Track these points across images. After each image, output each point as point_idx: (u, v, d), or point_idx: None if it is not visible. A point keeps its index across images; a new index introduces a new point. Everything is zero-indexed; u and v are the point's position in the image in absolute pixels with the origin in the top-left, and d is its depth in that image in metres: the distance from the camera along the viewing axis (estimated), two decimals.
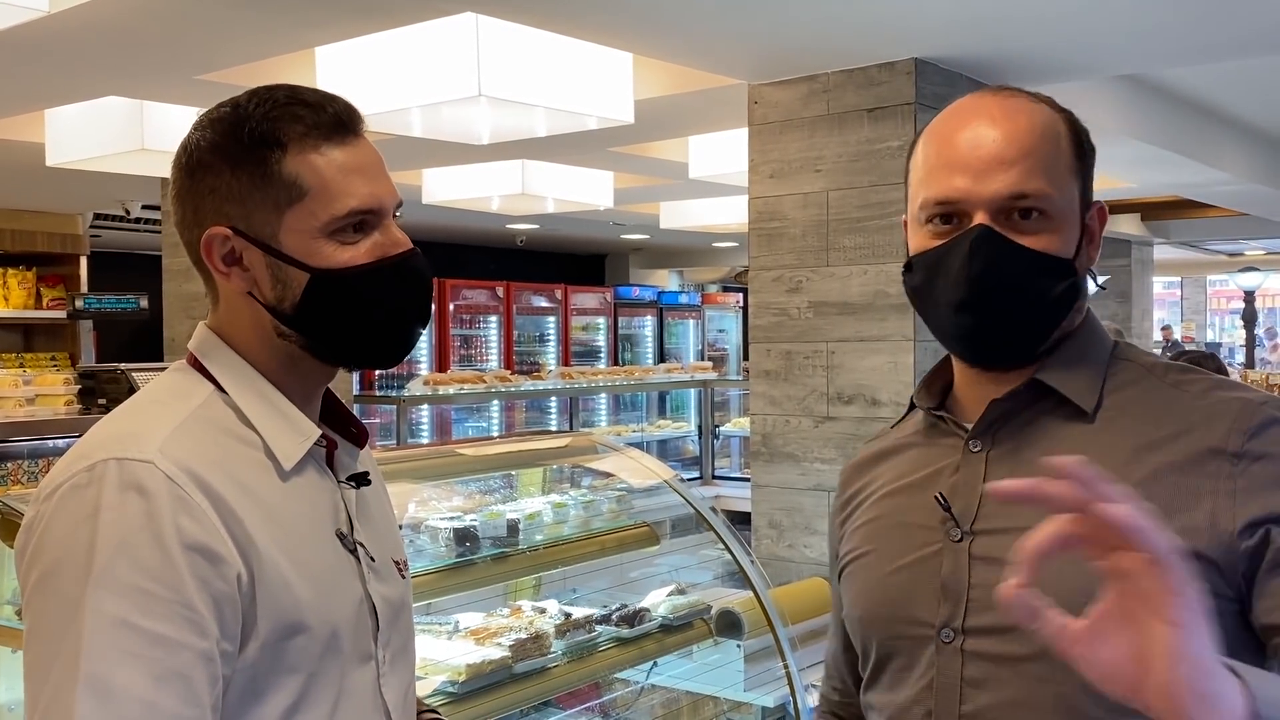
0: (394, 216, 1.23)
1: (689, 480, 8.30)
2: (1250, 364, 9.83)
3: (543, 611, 3.25)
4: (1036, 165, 1.15)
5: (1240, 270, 10.96)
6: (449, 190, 6.63)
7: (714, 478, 8.18)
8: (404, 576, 1.33)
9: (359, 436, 1.31)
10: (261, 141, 1.16)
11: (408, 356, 1.31)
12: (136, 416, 1.18)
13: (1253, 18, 3.69)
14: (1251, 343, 10.69)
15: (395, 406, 6.29)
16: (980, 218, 1.15)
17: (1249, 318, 10.64)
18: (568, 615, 3.20)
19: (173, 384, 1.22)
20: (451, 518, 3.18)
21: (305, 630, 1.14)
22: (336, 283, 1.18)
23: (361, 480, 1.27)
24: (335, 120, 1.19)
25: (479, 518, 3.14)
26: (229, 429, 1.18)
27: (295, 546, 1.15)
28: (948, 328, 1.20)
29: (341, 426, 1.30)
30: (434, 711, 1.49)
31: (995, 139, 1.15)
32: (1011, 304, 1.16)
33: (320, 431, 1.23)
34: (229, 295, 1.22)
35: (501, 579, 3.23)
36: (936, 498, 1.18)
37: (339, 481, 1.25)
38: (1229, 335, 20.41)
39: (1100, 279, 1.25)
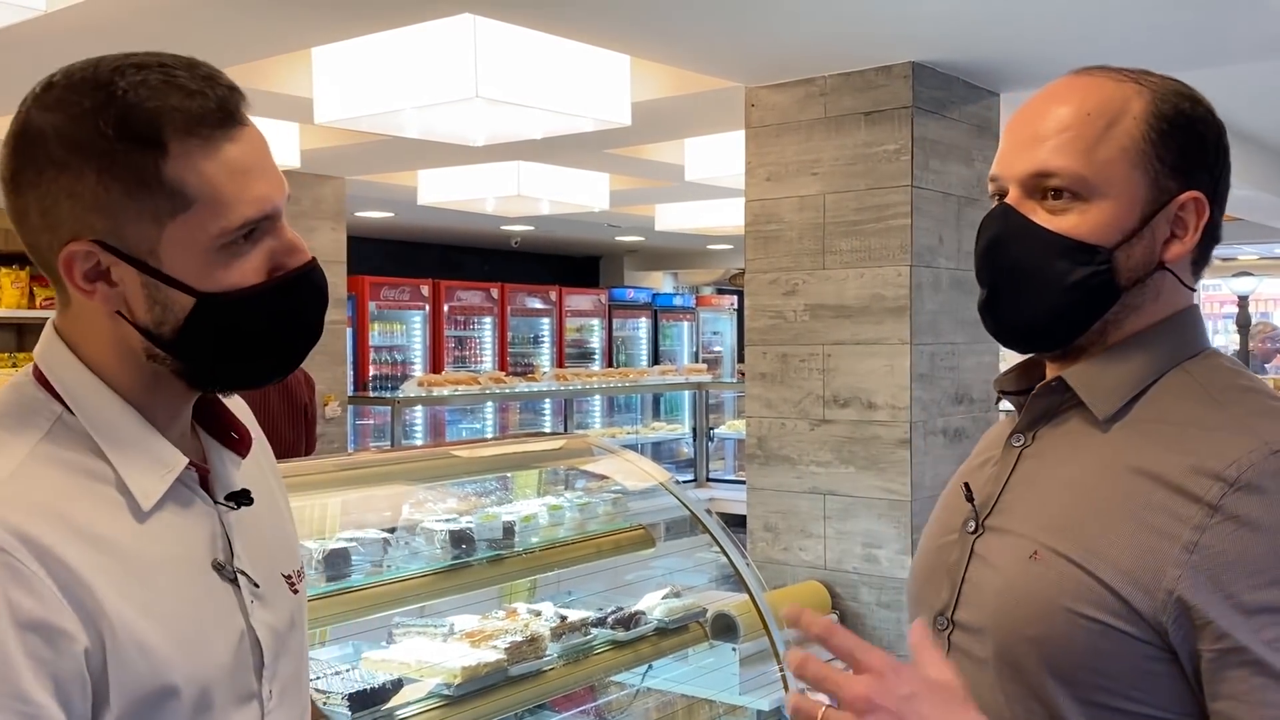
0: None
1: (683, 483, 8.30)
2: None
3: (538, 614, 3.24)
4: (1071, 143, 1.09)
5: (1234, 275, 11.00)
6: (444, 192, 6.62)
7: (708, 480, 8.18)
8: (296, 591, 1.19)
9: (240, 444, 1.15)
10: (136, 140, 0.96)
11: (402, 358, 1.23)
12: None
13: (1249, 25, 3.70)
14: (1245, 347, 10.72)
15: (389, 408, 6.27)
16: (1012, 195, 1.12)
17: (1243, 322, 10.67)
18: (563, 618, 3.19)
19: (15, 406, 1.04)
20: (447, 520, 3.16)
21: (171, 694, 0.99)
22: (226, 307, 1.02)
23: (241, 499, 1.11)
24: (221, 109, 1.00)
25: (474, 520, 3.13)
26: (76, 463, 1.01)
27: (156, 599, 1.00)
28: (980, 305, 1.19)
29: (221, 432, 1.15)
30: None
31: (1040, 115, 1.12)
32: (1019, 283, 1.12)
33: (186, 461, 1.06)
34: (89, 310, 1.04)
35: (497, 581, 3.22)
36: (963, 488, 1.19)
37: (216, 503, 1.10)
38: (1223, 339, 20.47)
39: (1195, 280, 1.16)
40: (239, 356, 1.06)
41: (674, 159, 6.07)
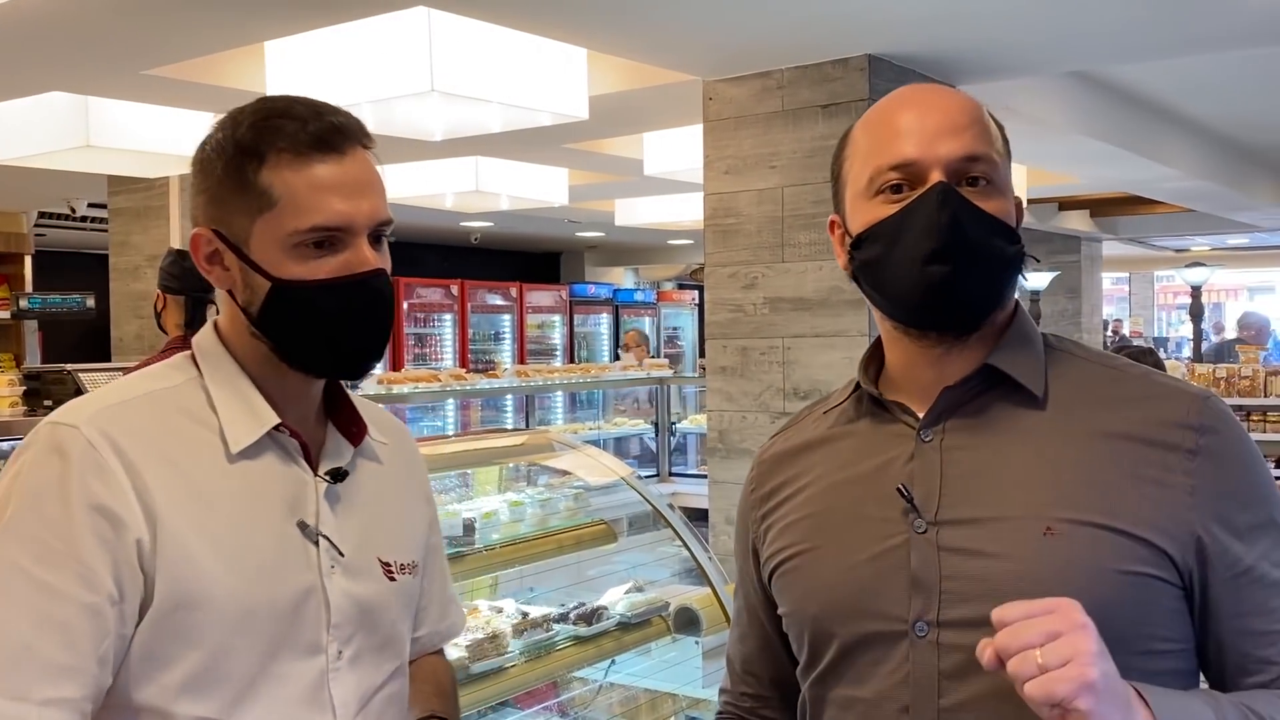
0: (384, 237, 1.26)
1: (645, 478, 8.30)
2: (1197, 358, 9.99)
3: (500, 611, 3.23)
4: (981, 135, 1.18)
5: (1187, 265, 11.15)
6: (401, 188, 6.57)
7: (670, 475, 8.18)
8: (393, 578, 1.32)
9: (356, 435, 1.33)
10: (244, 150, 1.20)
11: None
12: (107, 390, 1.25)
13: (1201, 17, 3.74)
14: (1199, 337, 10.87)
15: None
16: (935, 178, 1.15)
17: (1195, 312, 10.82)
18: (525, 614, 3.18)
19: (165, 366, 1.30)
20: None
21: (208, 605, 1.16)
22: (291, 294, 1.21)
23: (338, 475, 1.28)
24: (318, 136, 1.21)
25: None
26: (189, 410, 1.24)
27: (219, 525, 1.19)
28: (914, 286, 1.15)
29: (344, 425, 1.33)
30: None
31: (941, 109, 1.18)
32: (978, 256, 1.15)
33: (277, 420, 1.25)
34: (222, 292, 1.29)
35: (458, 579, 3.19)
36: (900, 489, 1.16)
37: (316, 475, 1.27)
38: (1174, 330, 20.76)
39: (1032, 268, 1.28)
40: (307, 342, 1.23)
41: (633, 153, 6.06)
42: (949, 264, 1.13)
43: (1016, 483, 1.13)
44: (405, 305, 10.27)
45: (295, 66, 3.88)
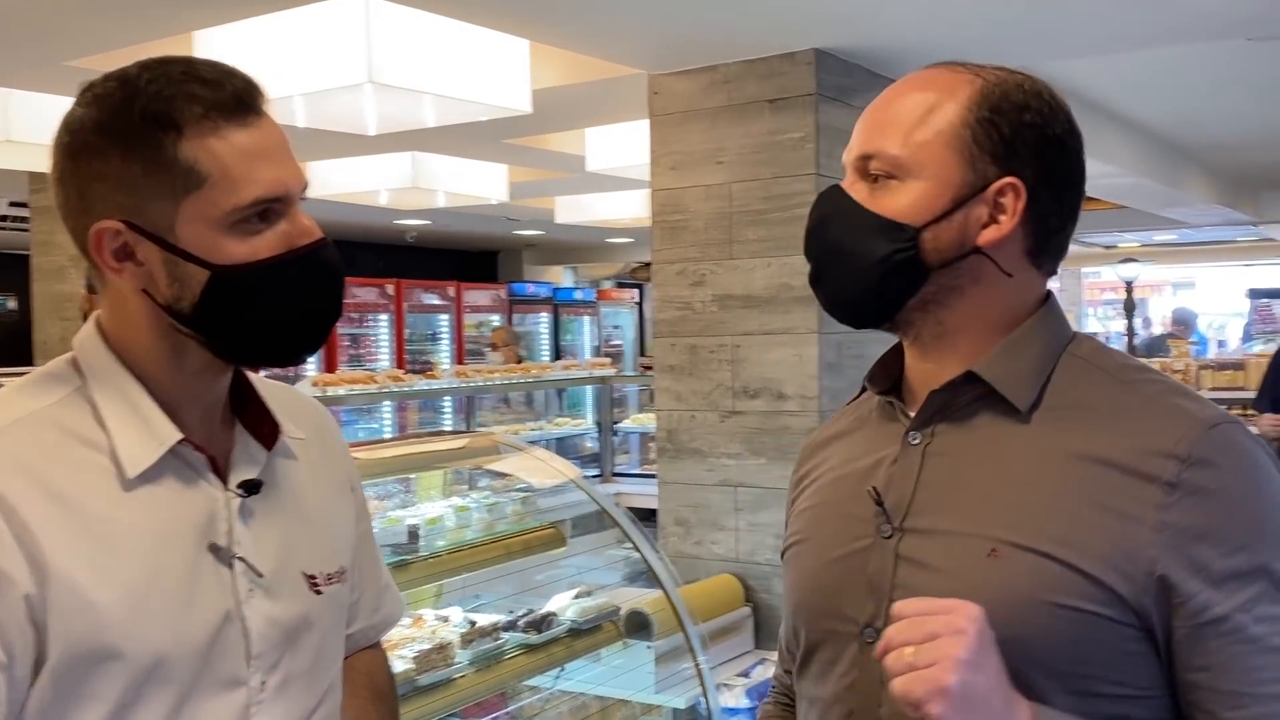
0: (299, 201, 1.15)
1: (589, 478, 8.21)
2: (1131, 352, 10.16)
3: (446, 620, 3.13)
4: (892, 128, 1.12)
5: (1121, 261, 11.33)
6: (335, 184, 6.42)
7: (614, 475, 8.11)
8: (319, 591, 1.21)
9: (269, 436, 1.20)
10: (155, 122, 1.06)
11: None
12: None
13: (1139, 13, 3.76)
14: (1132, 332, 11.04)
15: None
16: (847, 177, 1.17)
17: (1129, 308, 11.00)
18: (472, 623, 3.09)
19: (42, 375, 1.15)
20: None
21: (115, 657, 1.04)
22: (239, 280, 1.08)
23: (252, 487, 1.15)
24: (236, 98, 1.09)
25: (376, 524, 3.00)
26: (75, 431, 1.10)
27: (119, 564, 1.06)
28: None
29: (255, 426, 1.20)
30: None
31: (880, 104, 1.16)
32: (837, 259, 1.15)
33: (179, 436, 1.11)
34: (119, 290, 1.12)
35: (403, 589, 3.08)
36: (872, 491, 1.14)
37: (228, 489, 1.15)
38: (1103, 325, 21.16)
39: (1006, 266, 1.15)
40: (257, 329, 1.11)
41: (575, 149, 5.96)
42: (811, 262, 1.18)
43: (978, 498, 1.09)
44: None
45: (225, 57, 3.71)
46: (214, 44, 3.81)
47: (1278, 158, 8.86)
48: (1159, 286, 20.60)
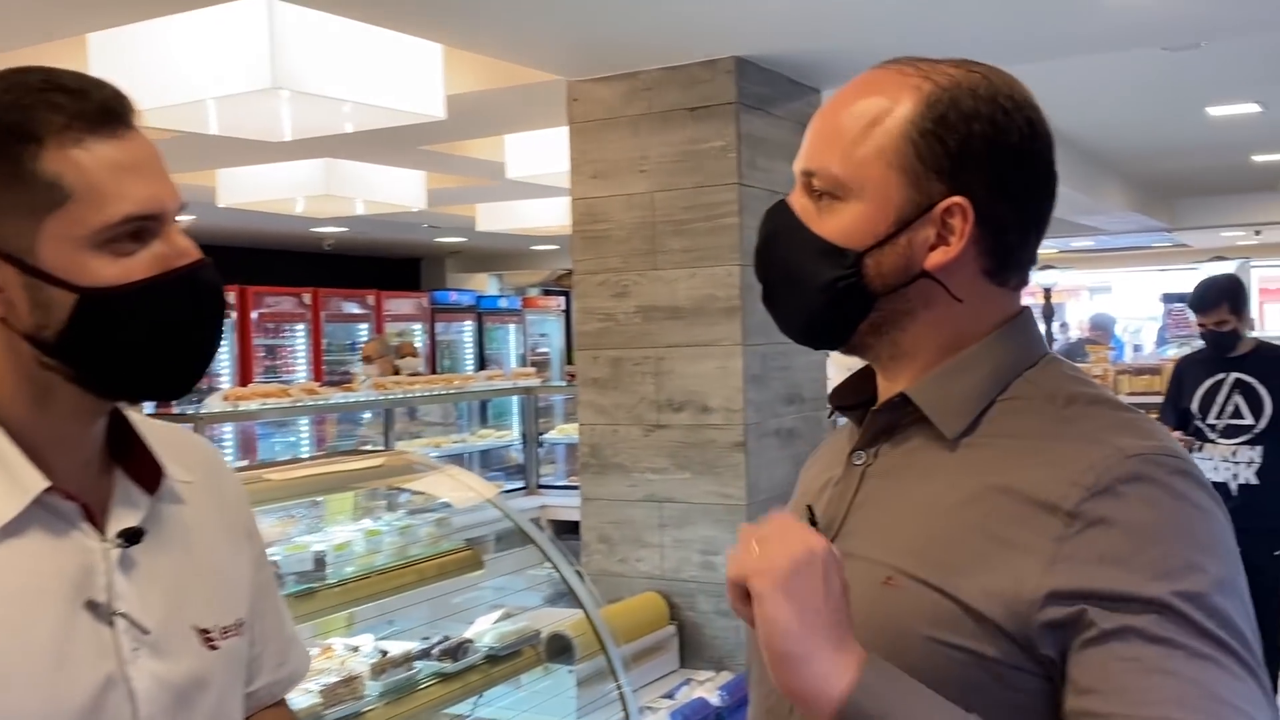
0: (175, 221, 1.06)
1: (514, 491, 8.07)
2: None
3: (356, 650, 2.99)
4: (833, 142, 1.05)
5: (1039, 268, 11.50)
6: (247, 192, 6.21)
7: (539, 487, 7.98)
8: (214, 647, 1.12)
9: (152, 480, 1.11)
10: (12, 135, 0.97)
11: (207, 369, 1.10)
12: None
13: (1058, 21, 3.75)
14: (1049, 337, 11.20)
15: (190, 426, 5.82)
16: (794, 192, 1.10)
17: (1047, 314, 11.16)
18: (384, 653, 2.95)
19: None
20: None
21: None
22: (109, 304, 0.99)
23: (133, 536, 1.06)
24: (102, 109, 1.00)
25: (280, 551, 2.86)
26: None
27: None
28: None
29: (135, 470, 1.11)
30: None
31: (826, 112, 1.08)
32: (785, 281, 1.10)
33: (45, 484, 1.01)
34: None
35: (308, 619, 2.94)
36: (806, 510, 1.07)
37: (105, 539, 1.05)
38: None
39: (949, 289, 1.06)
40: (129, 358, 1.02)
41: (494, 156, 5.84)
42: (761, 283, 1.13)
43: (892, 524, 1.04)
44: (254, 315, 9.80)
45: (121, 61, 3.53)
46: (108, 48, 3.62)
47: (1192, 166, 9.04)
48: (1076, 291, 21.00)
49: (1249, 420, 4.39)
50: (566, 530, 6.17)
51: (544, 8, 3.35)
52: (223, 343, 1.10)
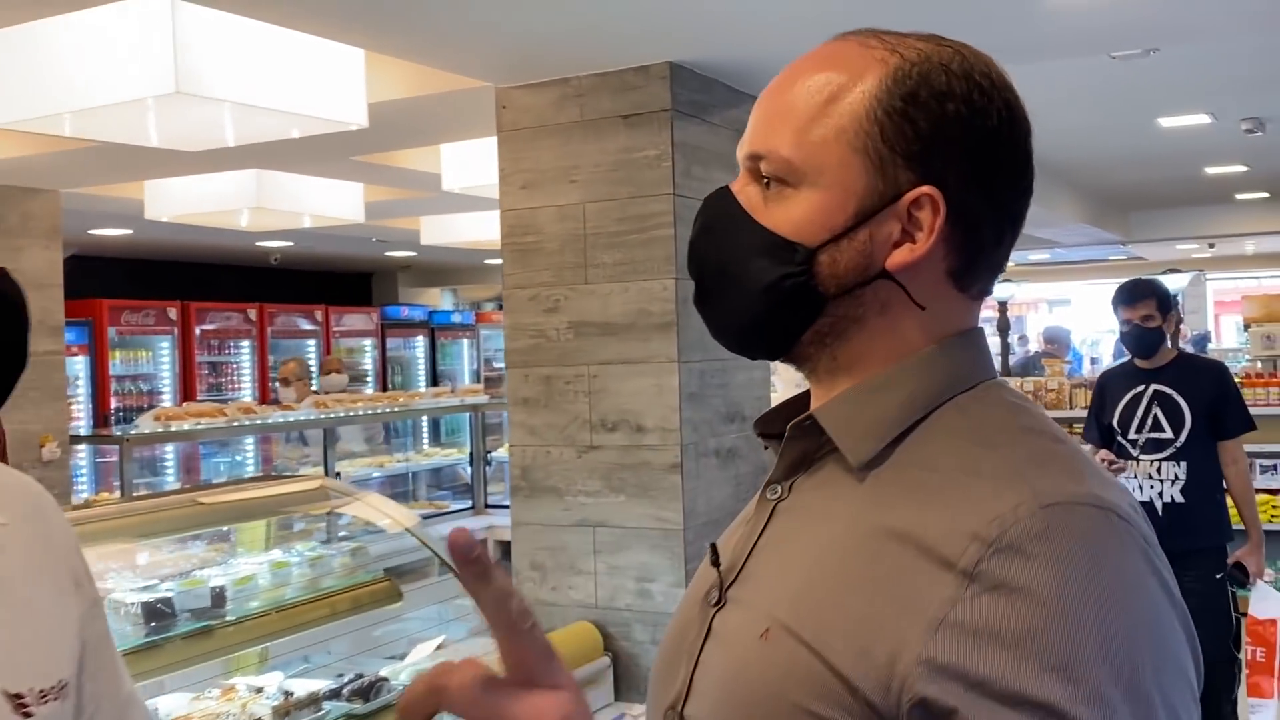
0: None
1: (461, 510, 7.87)
2: (1005, 372, 10.22)
3: (260, 690, 2.80)
4: (782, 125, 0.91)
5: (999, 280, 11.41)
6: (175, 204, 6.00)
7: (487, 507, 7.78)
8: (29, 714, 1.00)
9: None
10: None
11: (149, 387, 0.93)
12: None
13: (1005, 26, 3.64)
14: (1006, 351, 11.14)
15: (118, 447, 5.60)
16: (739, 178, 0.96)
17: (1003, 327, 11.09)
18: (288, 694, 2.77)
19: None
20: (145, 588, 2.70)
21: None
22: None
23: None
24: None
25: (174, 587, 2.67)
26: None
27: None
28: None
29: None
30: None
31: (775, 89, 0.94)
32: (722, 280, 0.95)
33: None
34: None
35: (206, 659, 2.75)
36: (711, 547, 0.97)
37: None
38: None
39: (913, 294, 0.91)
40: None
41: (430, 167, 5.65)
42: (693, 280, 0.98)
43: (782, 568, 0.90)
44: (198, 331, 9.54)
45: (8, 64, 3.31)
46: None
47: (1145, 177, 9.00)
48: (1034, 304, 21.05)
49: (1169, 434, 4.09)
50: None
51: (469, 12, 3.19)
52: (164, 360, 0.94)
